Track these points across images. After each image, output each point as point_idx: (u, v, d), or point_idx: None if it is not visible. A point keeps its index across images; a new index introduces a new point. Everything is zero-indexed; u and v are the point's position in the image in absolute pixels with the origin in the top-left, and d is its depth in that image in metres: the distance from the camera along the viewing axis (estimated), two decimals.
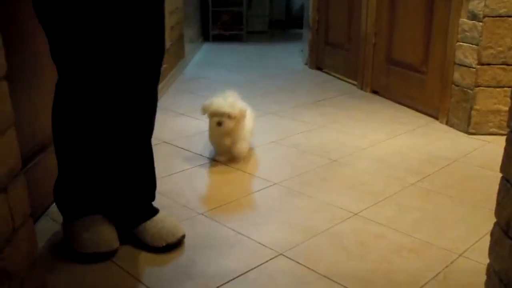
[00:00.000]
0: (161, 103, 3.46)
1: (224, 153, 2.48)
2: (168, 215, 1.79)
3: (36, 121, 1.89)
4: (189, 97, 3.69)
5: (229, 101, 2.37)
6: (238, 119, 2.37)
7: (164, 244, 1.69)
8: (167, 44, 3.99)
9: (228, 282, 1.55)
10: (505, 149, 1.34)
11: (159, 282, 1.54)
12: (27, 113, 1.81)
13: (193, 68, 4.73)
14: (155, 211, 1.78)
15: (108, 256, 1.65)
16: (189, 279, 1.56)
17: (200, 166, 2.42)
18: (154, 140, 1.86)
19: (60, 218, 1.89)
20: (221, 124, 2.33)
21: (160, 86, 3.68)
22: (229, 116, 2.33)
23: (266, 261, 1.65)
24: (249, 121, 2.50)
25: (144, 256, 1.69)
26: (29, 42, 1.83)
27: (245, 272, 1.59)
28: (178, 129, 2.96)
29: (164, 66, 3.85)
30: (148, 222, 1.73)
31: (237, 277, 1.57)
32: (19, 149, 1.30)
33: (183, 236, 1.74)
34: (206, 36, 6.28)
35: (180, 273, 1.59)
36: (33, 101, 1.86)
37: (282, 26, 7.08)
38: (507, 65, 2.73)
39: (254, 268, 1.62)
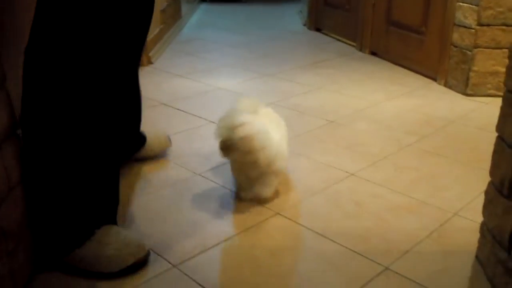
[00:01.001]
0: (158, 65, 3.44)
1: (246, 189, 1.79)
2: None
3: None
4: (186, 58, 3.66)
5: (236, 119, 1.61)
6: (245, 150, 1.61)
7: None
8: (164, 5, 3.94)
9: (226, 240, 1.57)
10: (501, 108, 1.35)
11: (158, 242, 1.56)
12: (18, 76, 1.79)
13: (190, 29, 4.68)
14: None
15: (146, 259, 1.46)
16: (187, 239, 1.57)
17: (198, 127, 2.42)
18: (152, 102, 1.85)
19: None
20: (225, 155, 1.66)
21: (156, 48, 3.66)
22: (230, 146, 1.61)
23: (263, 220, 1.67)
24: (276, 141, 1.71)
25: (141, 215, 1.70)
26: (21, 14, 1.80)
27: (243, 231, 1.61)
28: (175, 90, 2.95)
29: (160, 26, 3.82)
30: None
31: (234, 235, 1.59)
32: (14, 108, 1.30)
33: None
34: None
35: (178, 233, 1.61)
36: None
37: None
38: (507, 26, 2.70)
39: (252, 227, 1.63)
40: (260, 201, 1.76)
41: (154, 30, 3.65)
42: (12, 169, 1.25)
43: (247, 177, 1.74)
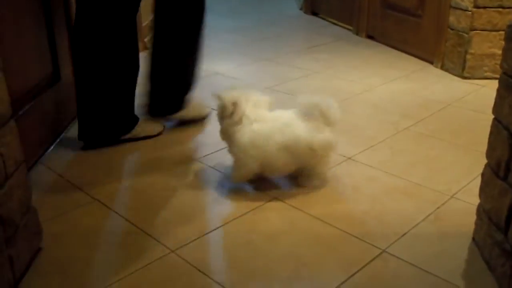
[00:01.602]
0: None
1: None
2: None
3: (26, 67, 1.87)
4: None
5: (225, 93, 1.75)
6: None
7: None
8: None
9: (223, 225, 1.57)
10: (498, 90, 1.34)
11: (156, 228, 1.56)
12: (16, 61, 1.78)
13: None
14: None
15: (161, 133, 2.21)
16: (186, 224, 1.58)
17: None
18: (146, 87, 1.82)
19: (55, 166, 1.90)
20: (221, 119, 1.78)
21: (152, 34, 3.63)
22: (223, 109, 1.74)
23: (261, 205, 1.67)
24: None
25: (139, 201, 1.70)
26: None
27: (240, 216, 1.62)
28: None
29: None
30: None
31: (231, 220, 1.59)
32: (9, 96, 1.30)
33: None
34: None
35: (175, 218, 1.61)
36: (22, 50, 1.84)
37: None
38: (503, 8, 2.69)
39: (249, 211, 1.64)
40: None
41: (149, 15, 3.62)
42: (9, 157, 1.25)
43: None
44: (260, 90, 2.43)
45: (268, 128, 1.69)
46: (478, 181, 1.46)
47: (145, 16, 3.47)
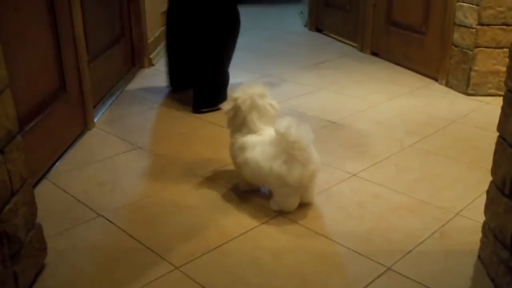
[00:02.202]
0: (160, 66, 3.45)
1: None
2: None
3: (32, 83, 1.89)
4: None
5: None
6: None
7: None
8: (165, 6, 3.94)
9: (228, 241, 1.57)
10: (502, 108, 1.35)
11: (160, 244, 1.56)
12: (23, 76, 1.80)
13: None
14: None
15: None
16: (190, 240, 1.57)
17: (199, 129, 2.42)
18: (153, 104, 1.83)
19: (60, 181, 1.91)
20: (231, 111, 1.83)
21: (158, 49, 3.66)
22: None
23: (266, 221, 1.67)
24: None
25: (143, 217, 1.70)
26: (23, 7, 1.81)
27: (245, 232, 1.61)
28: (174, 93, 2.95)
29: (161, 28, 3.82)
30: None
31: (237, 237, 1.59)
32: (16, 112, 1.31)
33: None
34: None
35: (180, 235, 1.61)
36: (29, 65, 1.85)
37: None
38: (507, 25, 2.70)
39: (254, 228, 1.64)
40: None
41: (155, 32, 3.65)
42: (15, 173, 1.26)
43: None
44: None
45: (250, 141, 1.74)
46: (483, 199, 1.46)
47: (150, 32, 3.50)
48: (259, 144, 1.71)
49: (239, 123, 1.77)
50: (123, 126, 2.46)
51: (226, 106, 1.79)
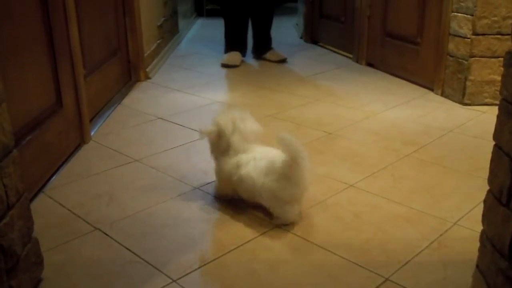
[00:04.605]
0: (156, 79, 3.46)
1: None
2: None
3: (28, 97, 1.89)
4: (184, 73, 3.67)
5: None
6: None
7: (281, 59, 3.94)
8: (161, 19, 3.96)
9: (225, 254, 1.56)
10: (498, 117, 1.35)
11: (157, 256, 1.55)
12: (20, 91, 1.80)
13: (187, 44, 4.70)
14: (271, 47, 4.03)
15: (235, 66, 3.77)
16: (187, 252, 1.57)
17: (195, 141, 2.42)
18: (149, 117, 1.83)
19: (56, 195, 1.91)
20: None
21: (154, 63, 3.67)
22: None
23: (263, 233, 1.67)
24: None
25: (140, 230, 1.70)
26: (20, 22, 1.81)
27: (242, 244, 1.61)
28: (173, 105, 2.95)
29: (158, 41, 3.83)
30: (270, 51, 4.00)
31: (234, 249, 1.59)
32: (12, 126, 1.30)
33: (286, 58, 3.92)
34: (200, 11, 6.23)
35: (177, 247, 1.60)
36: (25, 79, 1.85)
37: (276, 0, 7.01)
38: (502, 35, 2.71)
39: (251, 240, 1.63)
40: None
41: (151, 45, 3.66)
42: (11, 188, 1.25)
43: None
44: (261, 118, 2.45)
45: (244, 158, 1.75)
46: (481, 208, 1.45)
47: (147, 46, 3.51)
48: (252, 160, 1.74)
49: (225, 146, 1.79)
50: (120, 139, 2.46)
51: (205, 128, 1.82)
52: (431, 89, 3.13)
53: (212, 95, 3.11)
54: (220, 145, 1.81)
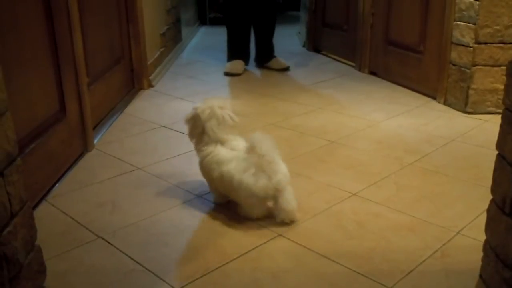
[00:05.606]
0: (159, 87, 3.46)
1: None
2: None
3: (32, 106, 1.89)
4: (187, 81, 3.68)
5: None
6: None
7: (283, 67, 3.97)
8: (164, 28, 3.97)
9: (228, 262, 1.56)
10: (501, 126, 1.35)
11: (159, 265, 1.55)
12: (24, 99, 1.80)
13: (190, 52, 4.71)
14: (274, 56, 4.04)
15: (238, 75, 3.80)
16: (190, 261, 1.57)
17: None
18: (153, 125, 1.83)
19: (59, 203, 1.91)
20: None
21: (157, 71, 3.68)
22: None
23: (265, 242, 1.67)
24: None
25: (143, 239, 1.70)
26: (24, 31, 1.82)
27: (245, 253, 1.61)
28: (175, 113, 2.96)
29: (161, 50, 3.84)
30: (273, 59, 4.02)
31: (236, 257, 1.58)
32: (16, 135, 1.31)
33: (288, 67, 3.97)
34: (203, 19, 6.25)
35: (180, 254, 1.60)
36: (29, 87, 1.86)
37: (279, 8, 7.03)
38: (504, 43, 2.72)
39: (254, 248, 1.63)
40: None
41: (154, 53, 3.67)
42: (14, 196, 1.25)
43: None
44: (264, 126, 2.46)
45: (222, 155, 1.81)
46: (484, 217, 1.45)
47: (150, 54, 3.52)
48: (235, 159, 1.78)
49: (199, 131, 1.86)
50: (123, 147, 2.46)
51: (186, 115, 1.90)
52: (434, 98, 3.13)
53: None
54: (195, 130, 1.87)
